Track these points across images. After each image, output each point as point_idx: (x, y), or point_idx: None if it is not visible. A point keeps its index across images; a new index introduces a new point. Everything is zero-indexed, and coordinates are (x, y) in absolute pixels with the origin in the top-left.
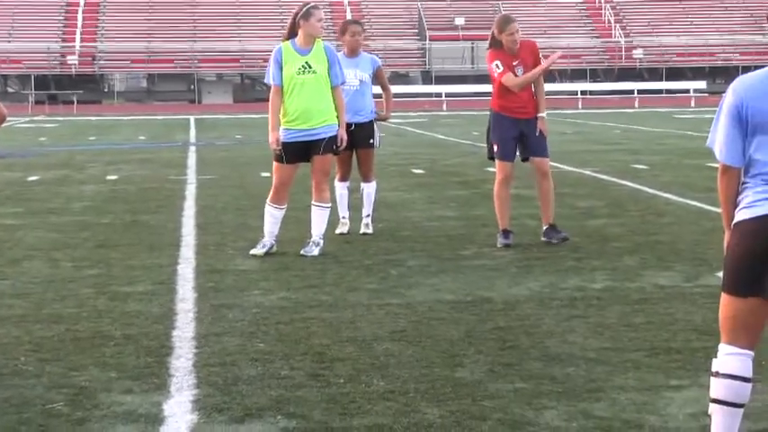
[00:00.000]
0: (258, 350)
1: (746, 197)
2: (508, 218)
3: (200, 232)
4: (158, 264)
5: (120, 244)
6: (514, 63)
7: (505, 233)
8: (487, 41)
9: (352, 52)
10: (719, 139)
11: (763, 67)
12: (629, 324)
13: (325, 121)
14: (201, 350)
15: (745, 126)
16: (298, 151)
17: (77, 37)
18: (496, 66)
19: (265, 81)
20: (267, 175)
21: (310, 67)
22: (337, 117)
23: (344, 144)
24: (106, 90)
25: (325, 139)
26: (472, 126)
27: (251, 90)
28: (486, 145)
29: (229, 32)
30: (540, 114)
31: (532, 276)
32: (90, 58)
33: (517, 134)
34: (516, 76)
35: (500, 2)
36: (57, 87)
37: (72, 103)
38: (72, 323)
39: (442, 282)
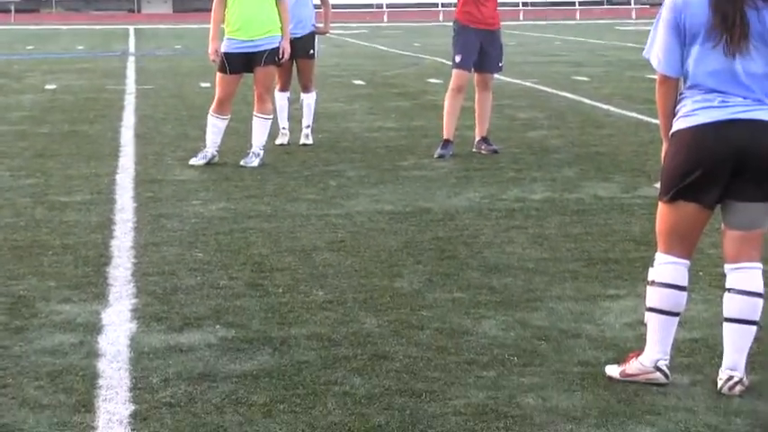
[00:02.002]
0: (197, 260)
1: (684, 107)
2: (454, 128)
3: (140, 142)
4: (97, 173)
5: (59, 154)
6: None
7: (446, 144)
8: None
9: None
10: (657, 49)
11: None
12: (568, 234)
13: (268, 32)
14: (140, 260)
15: (683, 36)
16: (240, 62)
17: None
18: None
19: None
20: (207, 85)
21: None
22: (281, 29)
23: (287, 56)
24: None
25: (267, 50)
26: (413, 37)
27: (191, 0)
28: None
29: None
30: None
31: (472, 187)
32: None
33: (479, 45)
34: None
35: None
36: None
37: (9, 12)
38: (10, 232)
39: (381, 193)
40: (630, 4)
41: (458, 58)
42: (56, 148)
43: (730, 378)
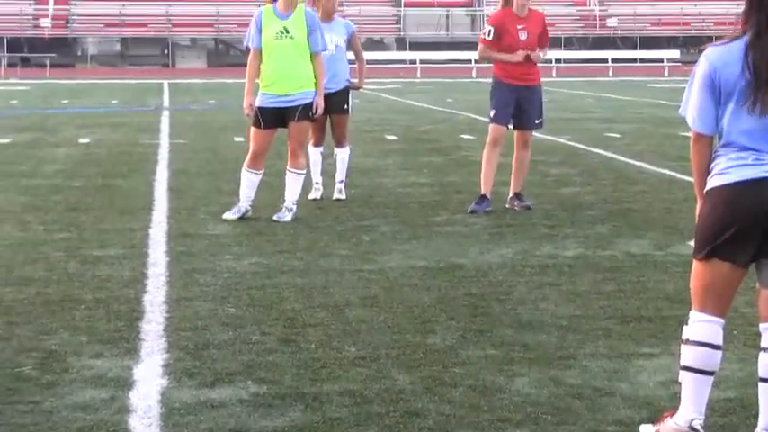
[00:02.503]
0: (229, 315)
1: (719, 164)
2: (491, 183)
3: (173, 196)
4: (130, 228)
5: (92, 207)
6: (519, 27)
7: (482, 199)
8: (463, 9)
9: (327, 17)
10: (692, 107)
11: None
12: (601, 292)
13: (301, 87)
14: (173, 314)
15: (717, 94)
16: (274, 117)
17: (51, 0)
18: (488, 32)
19: (245, 44)
20: (240, 140)
21: (288, 32)
22: (315, 84)
23: (321, 111)
24: (79, 54)
25: (301, 105)
26: (446, 93)
27: (225, 55)
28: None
29: None
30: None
31: (505, 243)
32: (63, 22)
33: (514, 100)
34: (518, 40)
35: None
36: (29, 50)
37: (45, 66)
38: (42, 286)
39: (414, 248)
40: (663, 62)
41: (492, 113)
42: (89, 202)
43: None
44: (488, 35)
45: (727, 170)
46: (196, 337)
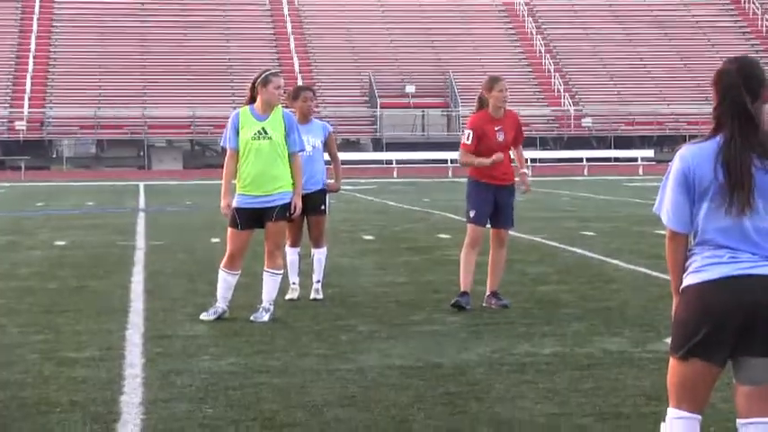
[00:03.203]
0: (207, 416)
1: (694, 262)
2: (471, 281)
3: (149, 298)
4: (106, 329)
5: (68, 309)
6: (497, 128)
7: (463, 294)
8: (439, 110)
9: (304, 118)
10: (667, 205)
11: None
12: (579, 389)
13: (279, 187)
14: (149, 416)
15: (692, 192)
16: (251, 217)
17: (26, 102)
18: (467, 136)
19: (221, 144)
20: (217, 240)
21: (266, 132)
22: (293, 184)
23: (298, 212)
24: (54, 156)
25: (278, 206)
26: (422, 193)
27: (201, 156)
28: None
29: (180, 99)
30: (522, 170)
31: (482, 342)
32: (38, 124)
33: (492, 200)
34: (498, 141)
35: (451, 71)
36: (4, 153)
37: (20, 168)
38: (17, 390)
39: (392, 347)
40: (638, 161)
41: (472, 213)
42: (65, 304)
43: None
44: (468, 139)
45: (702, 268)
46: None
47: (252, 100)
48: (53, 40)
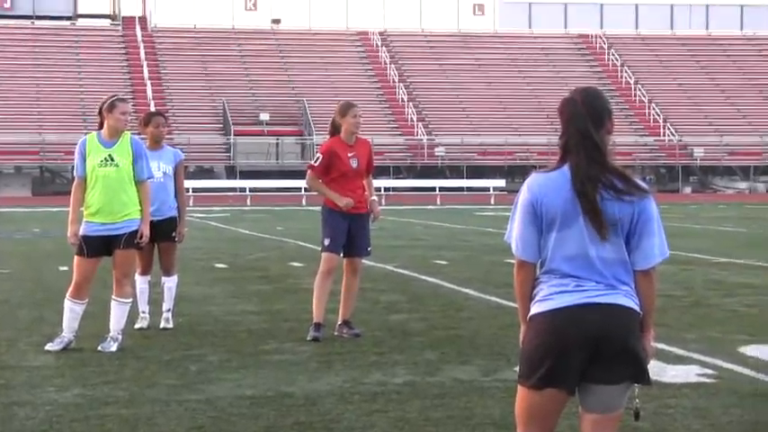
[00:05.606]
0: None
1: (541, 290)
2: (324, 311)
3: None
4: None
5: None
6: (350, 154)
7: (317, 326)
8: (293, 138)
9: (156, 144)
10: (516, 234)
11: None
12: (429, 418)
13: (127, 215)
14: None
15: (539, 222)
16: (99, 245)
17: None
18: (316, 159)
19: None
20: (65, 268)
21: (113, 159)
22: (141, 211)
23: (146, 239)
24: None
25: (126, 233)
26: (276, 221)
27: (51, 183)
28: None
29: (29, 124)
30: (371, 198)
31: (334, 371)
32: None
33: (347, 228)
34: (352, 168)
35: (305, 99)
36: None
37: None
38: None
39: (243, 377)
40: (489, 191)
41: (327, 242)
42: None
43: None
44: (316, 162)
45: (549, 297)
46: None
47: (101, 126)
48: None
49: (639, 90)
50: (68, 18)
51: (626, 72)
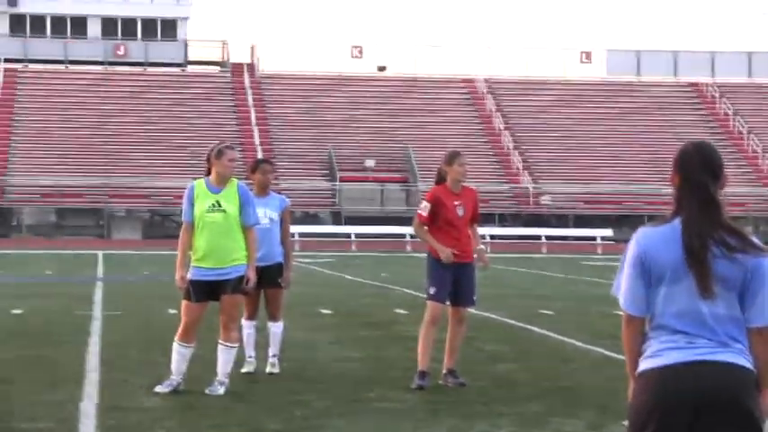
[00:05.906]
0: None
1: (650, 346)
2: (429, 359)
3: (105, 368)
4: (60, 400)
5: (22, 379)
6: (456, 202)
7: (422, 374)
8: (398, 185)
9: (263, 191)
10: (624, 288)
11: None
12: None
13: (234, 260)
14: None
15: (647, 277)
16: (206, 290)
17: None
18: (424, 207)
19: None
20: (174, 311)
21: (220, 205)
22: (247, 257)
23: (252, 285)
24: (14, 224)
25: (233, 279)
26: (380, 267)
27: (160, 226)
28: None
29: (140, 168)
30: (478, 247)
31: (438, 420)
32: None
33: (452, 278)
34: (458, 216)
35: (410, 146)
36: None
37: None
38: None
39: (348, 423)
40: (596, 240)
41: (432, 290)
42: (19, 374)
43: None
44: (425, 211)
45: (658, 353)
46: None
47: (209, 172)
48: (15, 109)
49: (753, 140)
50: (179, 65)
51: (738, 121)
